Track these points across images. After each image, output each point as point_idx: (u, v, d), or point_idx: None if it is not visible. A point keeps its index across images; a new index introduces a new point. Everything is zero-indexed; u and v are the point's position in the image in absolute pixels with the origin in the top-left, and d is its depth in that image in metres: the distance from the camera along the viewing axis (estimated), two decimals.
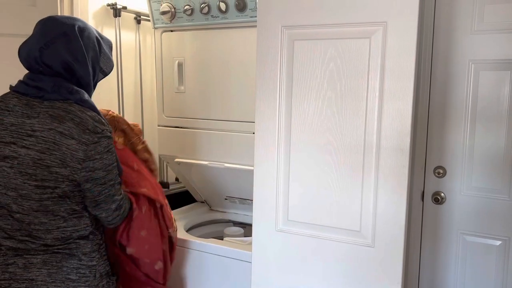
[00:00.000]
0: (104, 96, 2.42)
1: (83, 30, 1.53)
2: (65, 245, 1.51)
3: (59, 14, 2.09)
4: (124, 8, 2.42)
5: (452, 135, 1.96)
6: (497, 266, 1.96)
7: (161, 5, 2.33)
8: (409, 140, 1.47)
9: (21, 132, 1.46)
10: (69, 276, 1.50)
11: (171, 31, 2.42)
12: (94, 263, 1.55)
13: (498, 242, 1.95)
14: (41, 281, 1.48)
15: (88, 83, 1.56)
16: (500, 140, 1.89)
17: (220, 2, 2.17)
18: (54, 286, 1.49)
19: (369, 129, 1.52)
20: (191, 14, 2.28)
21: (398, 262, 1.51)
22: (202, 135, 2.38)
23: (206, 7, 2.21)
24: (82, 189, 1.51)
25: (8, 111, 1.48)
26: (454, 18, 1.91)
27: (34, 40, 1.49)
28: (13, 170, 1.46)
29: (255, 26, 2.12)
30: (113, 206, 1.57)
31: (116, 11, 2.39)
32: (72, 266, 1.51)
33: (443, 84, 1.92)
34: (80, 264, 1.53)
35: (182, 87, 2.41)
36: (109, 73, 1.70)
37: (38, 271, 1.49)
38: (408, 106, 1.46)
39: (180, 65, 2.39)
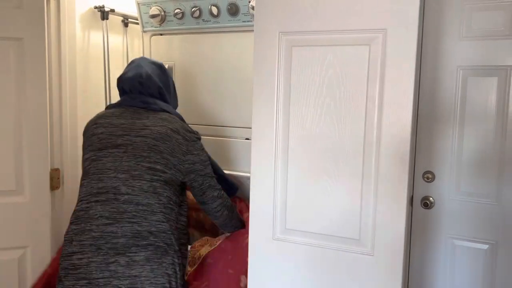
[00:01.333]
0: (91, 100, 2.37)
1: (166, 69, 2.01)
2: (164, 240, 1.66)
3: (45, 16, 2.02)
4: (112, 11, 2.37)
5: (440, 140, 1.98)
6: (485, 269, 1.98)
7: (151, 8, 2.29)
8: (409, 148, 1.47)
9: (133, 127, 1.77)
10: (167, 271, 1.63)
11: (161, 34, 2.38)
12: (180, 261, 1.70)
13: (486, 246, 1.97)
14: (145, 276, 1.59)
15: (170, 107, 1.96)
16: (488, 145, 1.91)
17: (212, 6, 2.13)
18: (156, 280, 1.60)
19: (368, 136, 1.51)
20: (181, 18, 2.25)
21: (398, 270, 1.50)
22: None
23: (198, 11, 2.18)
24: (187, 180, 1.81)
25: (117, 116, 1.81)
26: (443, 24, 1.92)
27: (135, 71, 1.89)
28: (126, 154, 1.71)
29: (248, 31, 2.12)
30: (215, 193, 1.89)
31: (104, 14, 2.34)
32: (168, 261, 1.64)
33: (432, 89, 1.94)
34: (173, 260, 1.66)
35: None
36: (175, 108, 2.05)
37: (141, 267, 1.59)
38: (408, 114, 1.46)
39: (170, 69, 2.35)
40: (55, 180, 2.17)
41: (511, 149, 1.88)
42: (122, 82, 1.90)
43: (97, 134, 1.77)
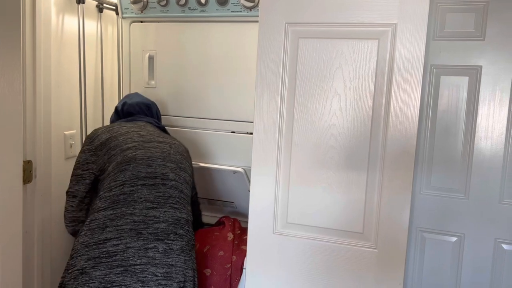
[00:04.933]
0: (64, 89, 2.23)
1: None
2: (192, 232, 1.70)
3: None
4: None
5: None
6: (452, 261, 2.04)
7: None
8: (415, 143, 1.49)
9: (164, 135, 1.95)
10: (193, 266, 1.63)
11: (141, 21, 2.27)
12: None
13: (454, 239, 2.03)
14: (179, 267, 1.57)
15: None
16: (458, 142, 1.97)
17: None
18: (187, 272, 1.59)
19: (374, 130, 1.52)
20: (165, 5, 2.16)
21: (401, 263, 1.52)
22: (174, 133, 2.26)
23: None
24: (193, 195, 1.98)
25: (143, 125, 1.97)
26: None
27: (140, 98, 2.12)
28: (172, 150, 1.85)
29: (237, 21, 2.08)
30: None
31: None
32: (194, 256, 1.65)
33: None
34: (195, 256, 1.68)
35: (153, 82, 2.28)
36: None
37: (177, 257, 1.58)
38: (415, 109, 1.48)
39: (151, 58, 2.26)
40: (28, 173, 2.02)
41: (479, 146, 1.95)
42: (128, 106, 2.08)
43: (136, 131, 1.87)
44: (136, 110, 2.07)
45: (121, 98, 2.43)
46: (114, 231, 1.55)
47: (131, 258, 1.52)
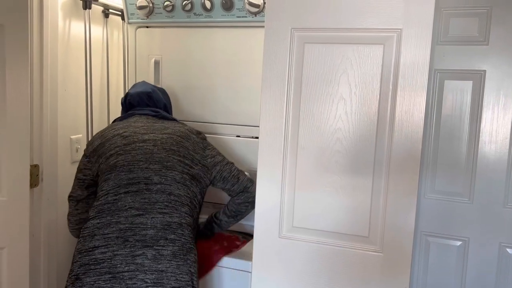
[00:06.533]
0: (70, 93, 2.25)
1: (167, 93, 2.14)
2: (189, 235, 1.65)
3: (28, 2, 1.90)
4: (95, 0, 2.26)
5: None
6: (457, 265, 2.05)
7: None
8: (420, 147, 1.49)
9: (155, 127, 1.86)
10: (190, 269, 1.60)
11: (147, 27, 2.29)
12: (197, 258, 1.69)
13: (459, 243, 2.04)
14: (171, 272, 1.54)
15: None
16: (462, 146, 1.98)
17: (205, 0, 2.08)
18: (181, 277, 1.55)
19: (380, 135, 1.53)
20: (171, 11, 2.18)
21: (406, 267, 1.52)
22: None
23: (189, 4, 2.12)
24: (216, 174, 1.85)
25: (133, 121, 1.89)
26: None
27: (142, 88, 2.03)
28: (156, 148, 1.75)
29: (242, 26, 2.10)
30: (248, 176, 1.94)
31: (86, 3, 2.22)
32: (192, 259, 1.62)
33: None
34: (195, 258, 1.64)
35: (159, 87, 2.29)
36: None
37: (168, 263, 1.55)
38: (420, 114, 1.48)
39: (156, 63, 2.27)
40: (34, 177, 2.04)
41: (483, 150, 1.96)
42: (129, 96, 2.01)
43: (120, 134, 1.80)
44: (136, 101, 2.00)
45: None
46: (101, 239, 1.56)
47: (118, 265, 1.52)
